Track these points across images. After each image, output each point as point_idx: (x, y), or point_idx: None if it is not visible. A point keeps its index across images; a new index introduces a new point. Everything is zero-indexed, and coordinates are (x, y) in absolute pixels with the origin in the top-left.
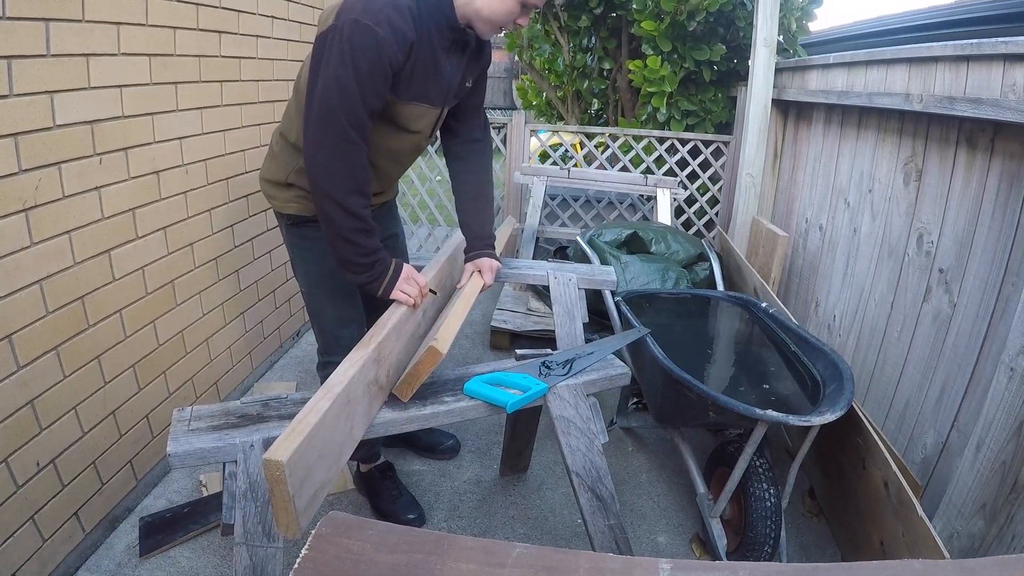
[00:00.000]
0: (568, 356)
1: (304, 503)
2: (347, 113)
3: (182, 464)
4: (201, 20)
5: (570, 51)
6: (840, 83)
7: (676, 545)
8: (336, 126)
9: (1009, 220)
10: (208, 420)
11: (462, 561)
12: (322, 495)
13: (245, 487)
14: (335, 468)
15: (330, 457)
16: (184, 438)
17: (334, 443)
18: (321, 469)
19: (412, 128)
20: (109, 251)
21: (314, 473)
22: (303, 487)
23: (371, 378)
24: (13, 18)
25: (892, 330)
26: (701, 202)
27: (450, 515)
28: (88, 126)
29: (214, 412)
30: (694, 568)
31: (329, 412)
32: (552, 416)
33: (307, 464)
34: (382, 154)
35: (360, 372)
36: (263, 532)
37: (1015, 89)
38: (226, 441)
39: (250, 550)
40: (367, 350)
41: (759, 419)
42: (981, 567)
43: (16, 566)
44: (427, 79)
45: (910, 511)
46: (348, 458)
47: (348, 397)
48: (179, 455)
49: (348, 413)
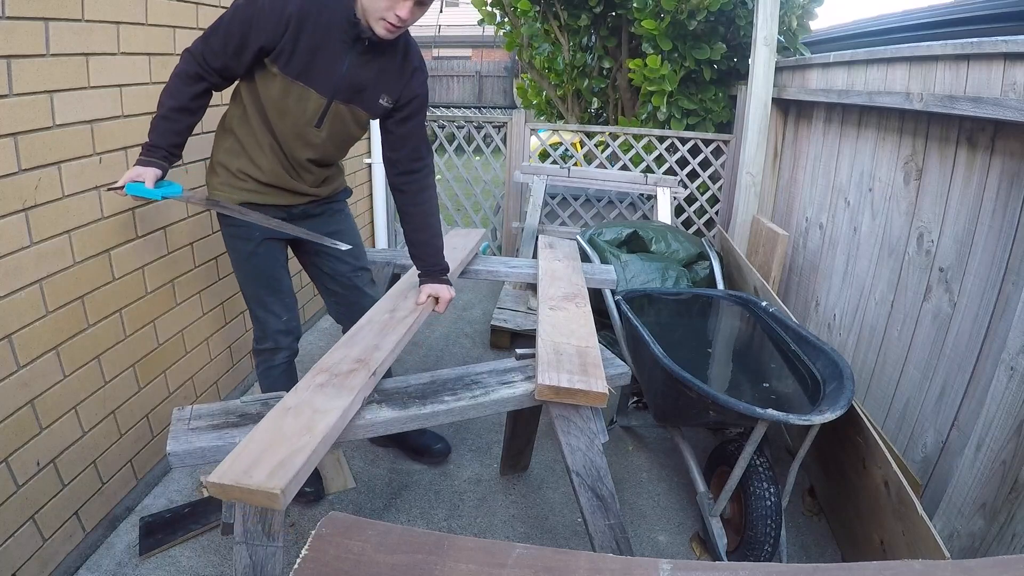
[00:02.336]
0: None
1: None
2: (202, 48)
3: (182, 463)
4: (201, 19)
5: (570, 50)
6: (840, 82)
7: (676, 544)
8: (190, 51)
9: (1009, 219)
10: (208, 419)
11: (462, 561)
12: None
13: None
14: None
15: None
16: (184, 437)
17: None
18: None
19: (295, 109)
20: (109, 251)
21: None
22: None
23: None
24: (13, 18)
25: (892, 329)
26: (701, 201)
27: (450, 514)
28: (88, 126)
29: (214, 411)
30: (694, 568)
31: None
32: (552, 415)
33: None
34: (272, 128)
35: (349, 409)
36: (263, 531)
37: (1015, 88)
38: (226, 440)
39: (250, 549)
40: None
41: (759, 418)
42: (981, 567)
43: (16, 566)
44: (315, 63)
45: (910, 510)
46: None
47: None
48: (179, 454)
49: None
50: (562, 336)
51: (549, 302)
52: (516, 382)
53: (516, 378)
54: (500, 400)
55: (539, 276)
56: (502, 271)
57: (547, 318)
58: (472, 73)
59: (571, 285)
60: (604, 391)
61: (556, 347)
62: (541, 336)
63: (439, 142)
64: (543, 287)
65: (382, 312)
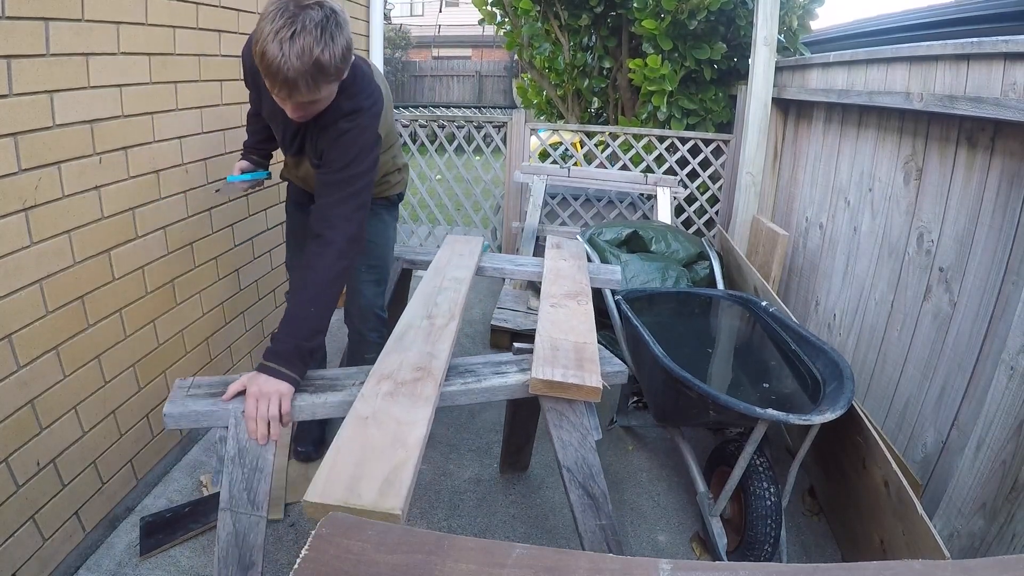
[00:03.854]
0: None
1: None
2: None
3: (176, 424)
4: (201, 19)
5: (570, 50)
6: (840, 82)
7: (676, 544)
8: None
9: (1009, 219)
10: (207, 388)
11: (462, 561)
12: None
13: (234, 452)
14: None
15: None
16: (181, 401)
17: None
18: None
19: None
20: (109, 251)
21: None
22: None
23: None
24: (13, 17)
25: (892, 329)
26: (701, 201)
27: (450, 514)
28: (88, 125)
29: (213, 382)
30: (694, 568)
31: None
32: (544, 408)
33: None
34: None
35: (430, 420)
36: (248, 499)
37: (1015, 88)
38: (219, 407)
39: (234, 516)
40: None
41: (759, 418)
42: (981, 567)
43: (17, 565)
44: (276, 112)
45: (910, 510)
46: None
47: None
48: (174, 416)
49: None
50: (560, 332)
51: (551, 299)
52: (509, 373)
53: (510, 370)
54: (491, 388)
55: (544, 274)
56: (508, 269)
57: (547, 315)
58: (472, 73)
59: (575, 283)
60: (598, 385)
61: (553, 343)
62: (540, 332)
63: (439, 142)
64: (546, 285)
65: (419, 317)
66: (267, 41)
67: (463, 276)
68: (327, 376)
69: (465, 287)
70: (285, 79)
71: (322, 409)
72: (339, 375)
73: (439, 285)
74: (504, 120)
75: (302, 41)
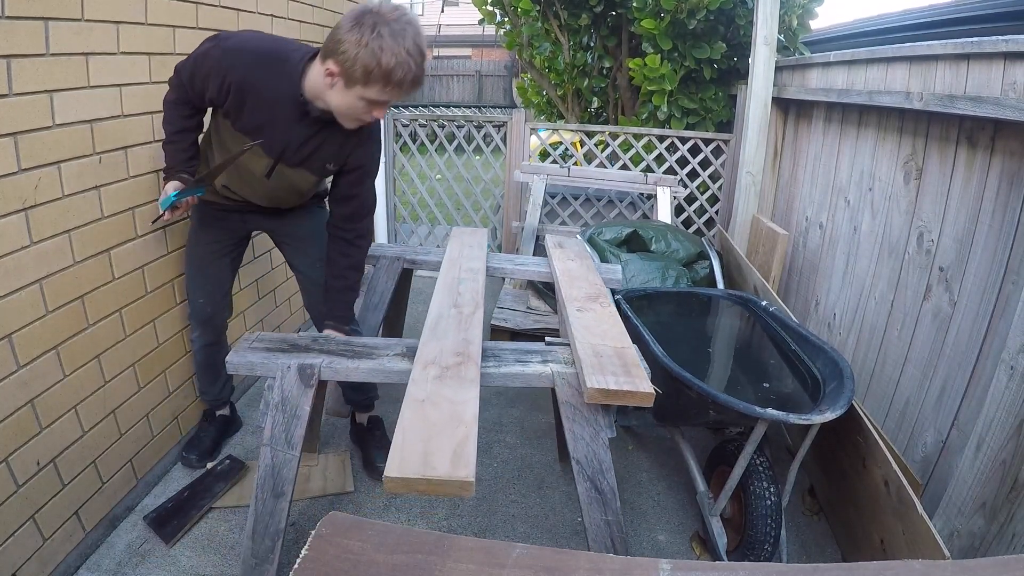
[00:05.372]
0: None
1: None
2: (178, 78)
3: (234, 370)
4: (201, 19)
5: (570, 49)
6: (840, 81)
7: (676, 543)
8: (173, 78)
9: (1009, 218)
10: (267, 343)
11: (462, 561)
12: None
13: (278, 399)
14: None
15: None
16: (243, 352)
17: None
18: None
19: (246, 160)
20: (109, 251)
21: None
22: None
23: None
24: (13, 17)
25: (892, 328)
26: (701, 200)
27: (450, 513)
28: (88, 125)
29: (274, 339)
30: (694, 568)
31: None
32: (559, 402)
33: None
34: (231, 169)
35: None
36: (285, 440)
37: (1015, 87)
38: (271, 360)
39: (272, 452)
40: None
41: (759, 417)
42: (981, 567)
43: (17, 565)
44: (263, 128)
45: (910, 510)
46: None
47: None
48: (233, 363)
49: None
50: (596, 338)
51: (575, 303)
52: (532, 363)
53: (533, 359)
54: (509, 375)
55: (556, 277)
56: (509, 268)
57: (577, 320)
58: (472, 72)
59: (591, 285)
60: (650, 391)
61: (595, 349)
62: (577, 339)
63: (439, 142)
64: (564, 288)
65: (447, 306)
66: (384, 52)
67: (478, 267)
68: (368, 344)
69: (482, 277)
70: (415, 79)
71: (355, 373)
72: (378, 344)
73: (458, 276)
74: (504, 120)
75: (409, 41)
